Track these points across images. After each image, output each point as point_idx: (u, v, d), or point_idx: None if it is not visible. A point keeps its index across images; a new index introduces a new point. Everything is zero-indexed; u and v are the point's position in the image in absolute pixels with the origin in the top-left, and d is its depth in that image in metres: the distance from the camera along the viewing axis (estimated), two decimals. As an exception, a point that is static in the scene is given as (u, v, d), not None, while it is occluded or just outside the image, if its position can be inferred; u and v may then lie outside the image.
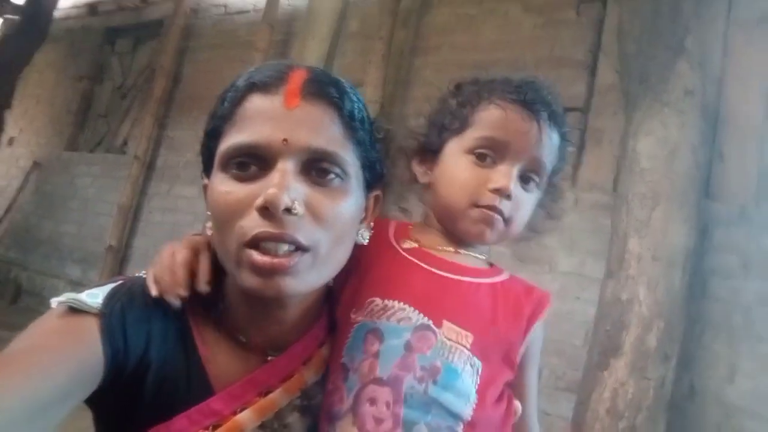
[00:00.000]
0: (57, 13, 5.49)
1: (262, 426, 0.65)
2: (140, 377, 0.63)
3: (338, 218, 0.63)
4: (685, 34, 2.29)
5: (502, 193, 0.73)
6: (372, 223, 0.75)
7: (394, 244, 0.79)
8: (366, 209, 0.72)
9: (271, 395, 0.66)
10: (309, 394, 0.69)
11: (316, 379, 0.71)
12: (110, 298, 0.63)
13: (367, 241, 0.73)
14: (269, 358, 0.69)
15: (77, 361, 0.56)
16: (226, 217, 0.60)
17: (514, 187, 0.73)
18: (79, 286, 0.63)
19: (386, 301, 0.71)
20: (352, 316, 0.72)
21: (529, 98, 0.75)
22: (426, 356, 0.67)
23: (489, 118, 0.76)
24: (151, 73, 5.02)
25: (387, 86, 3.26)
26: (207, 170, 0.68)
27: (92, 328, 0.59)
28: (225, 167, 0.62)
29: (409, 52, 3.41)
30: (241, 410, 0.64)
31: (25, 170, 5.73)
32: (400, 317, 0.69)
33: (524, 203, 0.76)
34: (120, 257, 4.44)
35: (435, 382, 0.65)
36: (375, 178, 0.72)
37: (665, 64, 2.28)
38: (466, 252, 0.78)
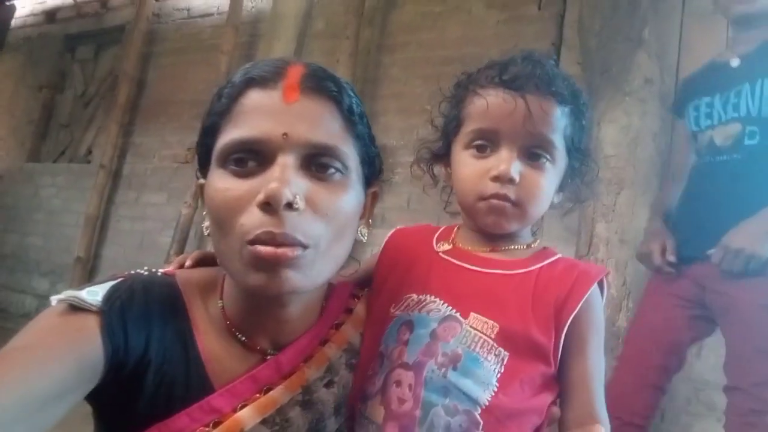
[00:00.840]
0: (13, 21, 5.35)
1: (263, 422, 0.65)
2: (140, 375, 0.62)
3: (339, 212, 0.63)
4: (643, 26, 2.37)
5: (502, 179, 0.72)
6: (371, 221, 0.76)
7: (434, 246, 0.82)
8: (364, 206, 0.72)
9: (271, 393, 0.66)
10: (310, 389, 0.70)
11: (318, 375, 0.71)
12: (110, 295, 0.63)
13: (366, 238, 0.74)
14: (268, 357, 0.69)
15: (76, 358, 0.56)
16: (225, 214, 0.60)
17: (515, 170, 0.72)
18: (47, 299, 0.63)
19: (421, 296, 0.75)
20: (392, 310, 0.76)
21: (507, 77, 0.74)
22: (449, 344, 0.69)
23: (474, 111, 0.77)
24: (114, 79, 4.91)
25: (356, 85, 3.26)
26: (203, 168, 0.68)
27: (92, 325, 0.59)
28: (223, 163, 0.62)
29: (376, 51, 3.44)
30: (242, 408, 0.64)
31: (-15, 183, 5.56)
32: (431, 309, 0.73)
33: (535, 182, 0.74)
34: (89, 268, 4.33)
35: (455, 368, 0.67)
36: (373, 175, 0.73)
37: (625, 56, 2.35)
38: (503, 248, 0.78)
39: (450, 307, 0.72)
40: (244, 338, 0.69)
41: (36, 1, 5.73)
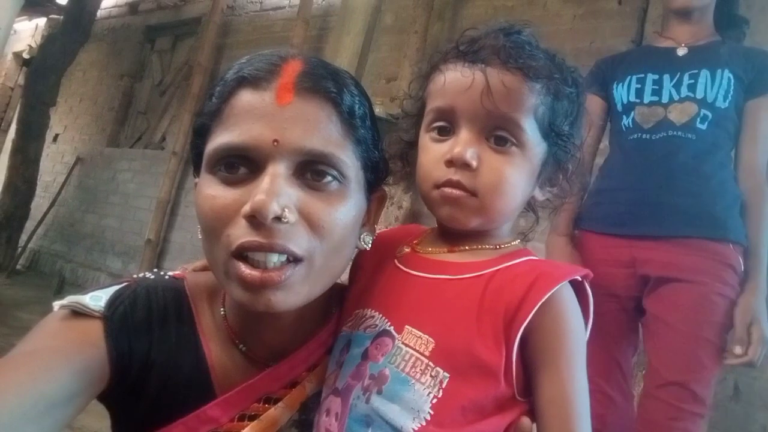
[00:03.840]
0: (99, 12, 5.64)
1: None
2: (144, 379, 0.62)
3: (335, 225, 0.58)
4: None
5: (456, 163, 0.63)
6: (375, 227, 0.70)
7: (396, 251, 0.72)
8: (368, 212, 0.68)
9: (271, 411, 0.63)
10: (308, 407, 0.66)
11: (317, 390, 0.67)
12: (113, 301, 0.62)
13: (369, 246, 0.68)
14: (269, 368, 0.66)
15: (81, 362, 0.56)
16: (212, 224, 0.57)
17: (471, 153, 0.62)
18: (119, 278, 0.64)
19: (365, 311, 0.67)
20: (342, 326, 0.69)
21: (466, 49, 0.65)
22: (377, 364, 0.60)
23: (434, 88, 0.68)
24: (189, 70, 5.10)
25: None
26: (197, 170, 0.64)
27: (96, 331, 0.59)
28: (212, 169, 0.58)
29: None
30: (239, 418, 0.62)
31: (69, 165, 5.92)
32: (368, 325, 0.64)
33: (497, 169, 0.63)
34: (158, 251, 4.53)
35: (379, 392, 0.58)
36: (378, 179, 0.68)
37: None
38: (465, 248, 0.68)
39: (386, 321, 0.63)
40: (244, 348, 0.66)
41: (120, -7, 6.03)
